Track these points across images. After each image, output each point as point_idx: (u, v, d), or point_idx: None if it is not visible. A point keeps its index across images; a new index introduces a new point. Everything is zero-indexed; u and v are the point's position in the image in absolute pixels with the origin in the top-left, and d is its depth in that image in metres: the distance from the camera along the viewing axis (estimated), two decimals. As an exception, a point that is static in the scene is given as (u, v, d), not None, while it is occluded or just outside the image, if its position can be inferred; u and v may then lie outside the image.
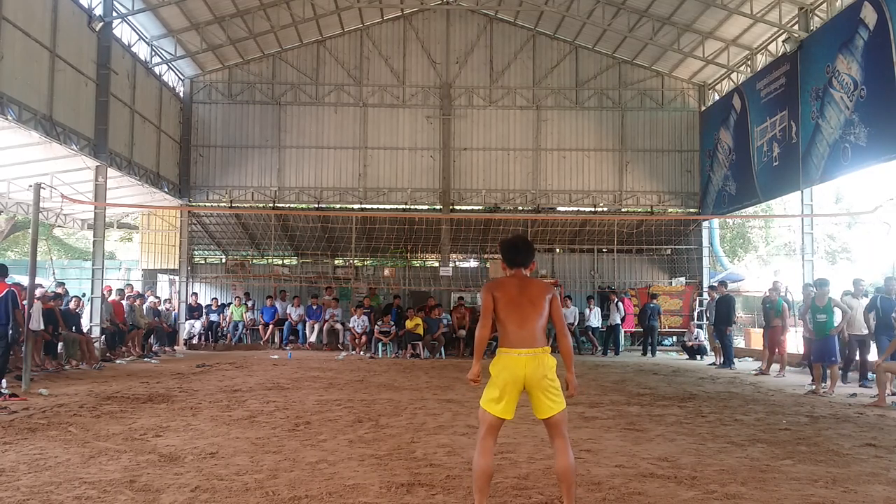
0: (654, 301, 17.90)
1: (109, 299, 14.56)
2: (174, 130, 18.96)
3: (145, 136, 16.91)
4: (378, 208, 19.79)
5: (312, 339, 17.31)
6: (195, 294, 18.91)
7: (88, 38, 13.90)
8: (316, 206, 19.65)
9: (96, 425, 6.55)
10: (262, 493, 4.34)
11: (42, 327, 11.20)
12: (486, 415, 3.80)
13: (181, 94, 19.42)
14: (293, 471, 4.90)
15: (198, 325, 17.89)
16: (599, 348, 17.62)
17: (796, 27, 14.70)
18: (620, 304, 17.56)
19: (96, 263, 14.46)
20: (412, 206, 19.76)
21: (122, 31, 15.59)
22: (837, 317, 10.14)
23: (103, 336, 13.95)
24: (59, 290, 13.30)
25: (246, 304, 18.35)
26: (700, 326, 17.48)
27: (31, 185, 10.16)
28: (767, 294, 13.28)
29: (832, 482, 4.74)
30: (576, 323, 17.84)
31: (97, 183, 14.18)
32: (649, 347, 17.26)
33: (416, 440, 6.03)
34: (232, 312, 18.06)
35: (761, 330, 14.56)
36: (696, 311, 18.60)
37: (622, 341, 17.72)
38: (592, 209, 19.93)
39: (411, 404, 8.20)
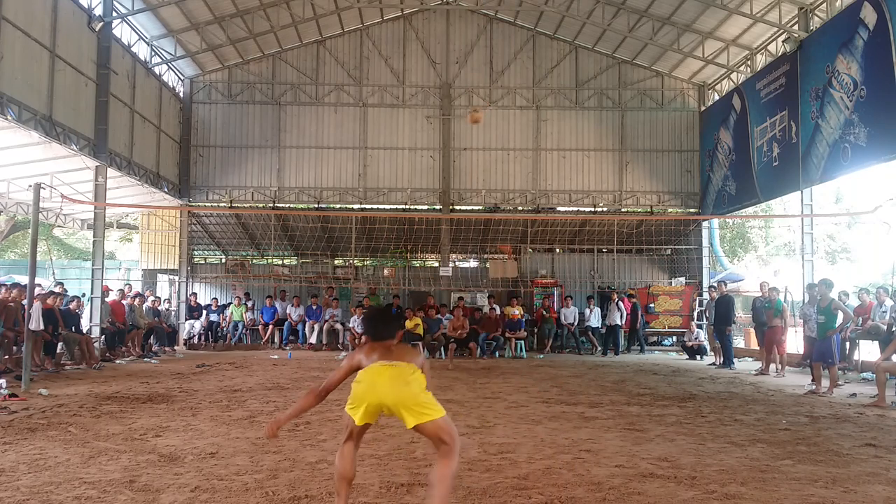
0: (635, 300, 18.08)
1: (108, 299, 14.56)
2: (174, 130, 18.96)
3: (145, 136, 16.90)
4: (378, 208, 19.79)
5: (312, 339, 17.31)
6: (195, 294, 18.91)
7: (88, 38, 13.90)
8: (316, 206, 19.65)
9: (96, 425, 6.55)
10: (262, 493, 4.34)
11: (42, 327, 11.20)
12: (345, 417, 3.73)
13: (181, 94, 19.42)
14: (293, 471, 4.90)
15: (198, 326, 17.89)
16: (599, 348, 17.62)
17: (796, 27, 14.70)
18: (621, 303, 17.57)
19: (96, 263, 14.47)
20: (412, 206, 19.76)
21: (121, 31, 15.59)
22: (840, 318, 10.12)
23: (103, 336, 13.95)
24: (57, 290, 13.27)
25: (246, 304, 18.34)
26: (700, 326, 17.48)
27: (31, 185, 10.16)
28: (766, 294, 13.24)
29: (832, 482, 4.74)
30: (576, 323, 17.86)
31: (97, 183, 14.19)
32: (637, 344, 18.04)
33: (416, 440, 6.01)
34: (232, 312, 18.06)
35: (753, 329, 14.62)
36: (696, 311, 18.60)
37: (622, 341, 17.73)
38: (592, 209, 19.93)
39: (411, 404, 8.17)
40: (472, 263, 21.61)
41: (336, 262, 21.17)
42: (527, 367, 13.66)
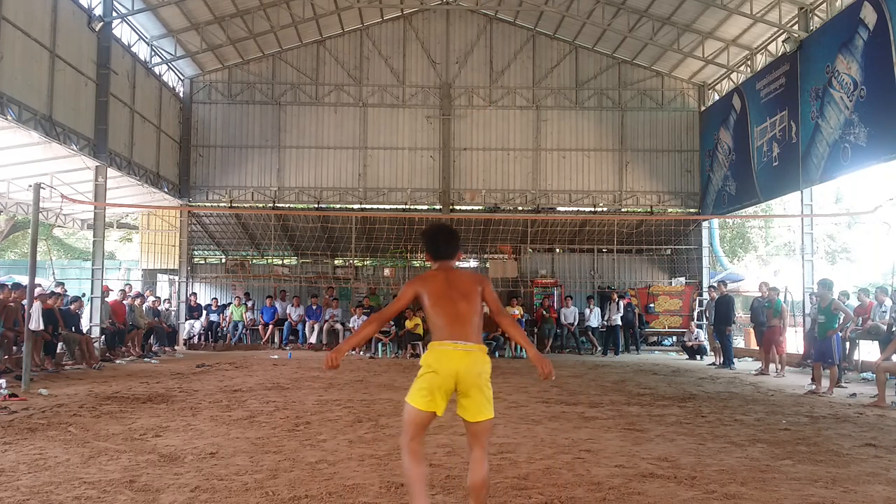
0: (627, 301, 18.14)
1: (109, 300, 14.55)
2: (174, 130, 18.95)
3: (145, 136, 16.90)
4: (378, 208, 19.78)
5: (312, 339, 17.31)
6: (195, 294, 18.90)
7: (88, 38, 13.90)
8: (316, 206, 19.64)
9: (96, 425, 6.55)
10: (262, 493, 4.34)
11: (42, 327, 11.20)
12: (413, 410, 3.42)
13: (181, 94, 19.42)
14: (293, 471, 4.90)
15: (198, 326, 17.89)
16: (599, 348, 17.62)
17: (796, 27, 14.70)
18: (621, 303, 17.58)
19: (96, 263, 14.47)
20: (412, 206, 19.75)
21: (121, 31, 15.59)
22: (840, 319, 10.11)
23: (103, 336, 13.95)
24: (58, 290, 13.27)
25: (246, 304, 18.34)
26: (700, 326, 17.49)
27: (31, 185, 10.16)
28: (767, 294, 13.24)
29: (832, 482, 4.74)
30: (576, 323, 17.86)
31: (97, 183, 14.19)
32: (632, 344, 18.18)
33: (416, 440, 6.01)
34: (232, 312, 18.06)
35: (752, 329, 14.58)
36: (696, 311, 18.60)
37: (622, 341, 17.74)
38: (592, 209, 19.92)
39: (411, 404, 8.17)
40: (472, 263, 21.59)
41: (336, 262, 21.16)
42: (527, 367, 13.65)
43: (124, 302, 14.94)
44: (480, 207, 20.05)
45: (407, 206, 19.74)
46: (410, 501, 3.42)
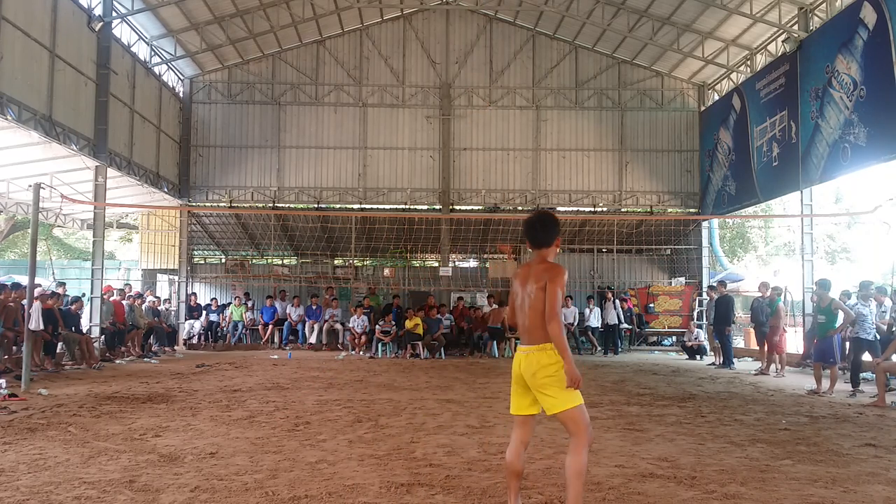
0: (628, 303, 18.14)
1: (110, 299, 14.56)
2: (174, 130, 18.95)
3: (145, 136, 16.90)
4: (378, 208, 19.78)
5: (312, 339, 17.31)
6: (194, 294, 18.90)
7: (88, 38, 13.90)
8: (316, 206, 19.64)
9: (96, 425, 6.55)
10: (262, 493, 4.34)
11: (42, 327, 11.20)
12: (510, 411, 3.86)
13: (181, 94, 19.41)
14: (293, 471, 4.90)
15: (197, 326, 17.89)
16: (599, 349, 17.62)
17: (796, 27, 14.70)
18: (616, 303, 17.57)
19: (96, 263, 14.46)
20: (412, 206, 19.75)
21: (121, 31, 15.58)
22: (840, 319, 10.12)
23: (103, 336, 13.94)
24: (59, 290, 13.27)
25: (246, 304, 18.34)
26: (700, 326, 17.47)
27: (30, 185, 10.16)
28: (767, 294, 13.24)
29: (832, 482, 4.75)
30: (575, 323, 17.84)
31: (97, 183, 14.18)
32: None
33: (416, 440, 6.03)
34: (231, 312, 18.06)
35: (752, 329, 14.59)
36: (696, 311, 18.60)
37: (620, 341, 17.72)
38: (592, 209, 19.92)
39: (411, 404, 8.20)
40: (472, 263, 21.60)
41: (336, 262, 21.17)
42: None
43: (124, 302, 14.94)
44: (480, 207, 20.05)
45: (407, 206, 19.73)
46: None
